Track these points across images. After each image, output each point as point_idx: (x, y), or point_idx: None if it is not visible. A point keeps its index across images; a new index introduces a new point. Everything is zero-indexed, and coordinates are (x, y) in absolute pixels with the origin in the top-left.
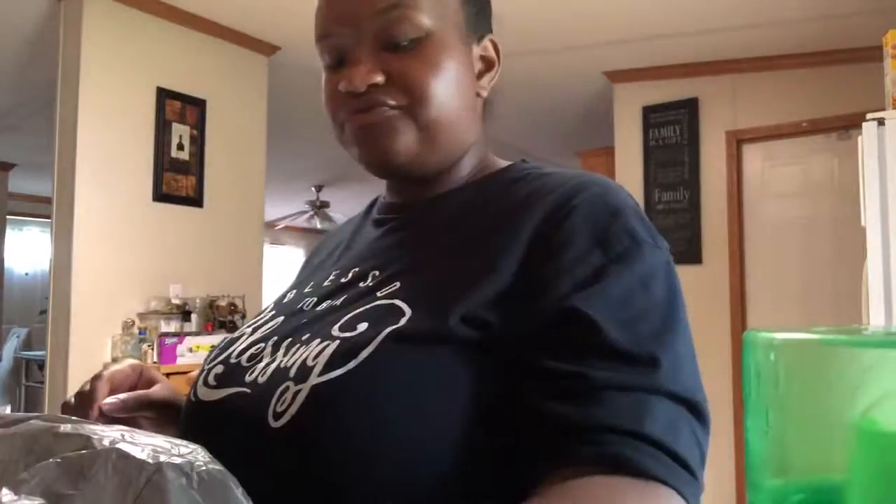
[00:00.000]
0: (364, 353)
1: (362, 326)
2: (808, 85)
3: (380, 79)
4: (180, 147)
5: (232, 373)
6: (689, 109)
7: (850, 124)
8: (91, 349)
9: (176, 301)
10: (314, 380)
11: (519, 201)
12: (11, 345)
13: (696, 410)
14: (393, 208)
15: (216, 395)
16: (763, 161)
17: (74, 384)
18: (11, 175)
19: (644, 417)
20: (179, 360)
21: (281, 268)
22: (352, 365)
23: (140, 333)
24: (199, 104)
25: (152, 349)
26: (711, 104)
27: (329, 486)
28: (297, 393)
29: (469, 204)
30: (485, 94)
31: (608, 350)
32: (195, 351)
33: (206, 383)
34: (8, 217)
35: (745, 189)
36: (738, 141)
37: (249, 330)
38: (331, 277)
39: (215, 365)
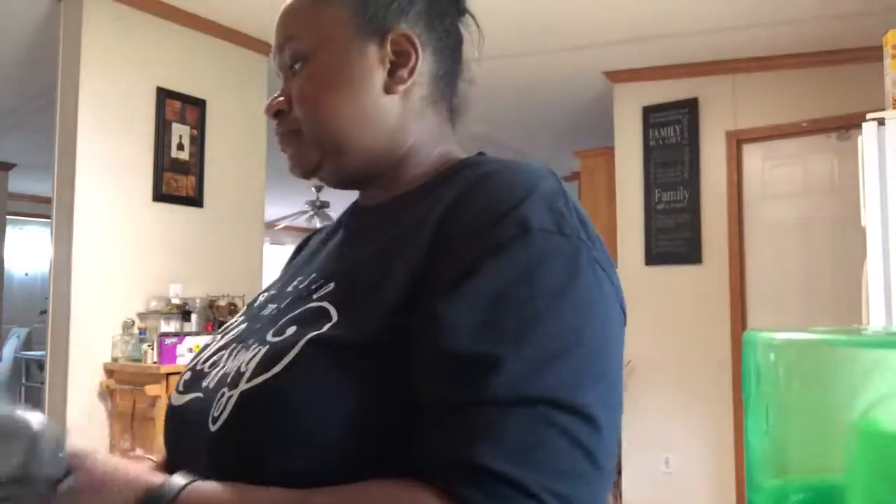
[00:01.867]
0: (286, 360)
1: (290, 330)
2: (808, 85)
3: (281, 105)
4: (180, 147)
5: (195, 379)
6: (689, 109)
7: (850, 124)
8: (91, 349)
9: (176, 301)
10: (243, 385)
11: (437, 198)
12: (11, 345)
13: (570, 410)
14: (353, 212)
15: (181, 401)
16: (763, 161)
17: (74, 384)
18: (11, 175)
19: (475, 443)
20: (179, 360)
21: (281, 268)
22: (275, 370)
23: (140, 333)
24: (199, 104)
25: (152, 349)
26: (711, 104)
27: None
28: (229, 398)
29: (407, 205)
30: (401, 87)
31: (453, 360)
32: (195, 351)
33: (177, 389)
34: (8, 217)
35: (745, 189)
36: (738, 141)
37: (220, 336)
38: (294, 283)
39: (186, 371)
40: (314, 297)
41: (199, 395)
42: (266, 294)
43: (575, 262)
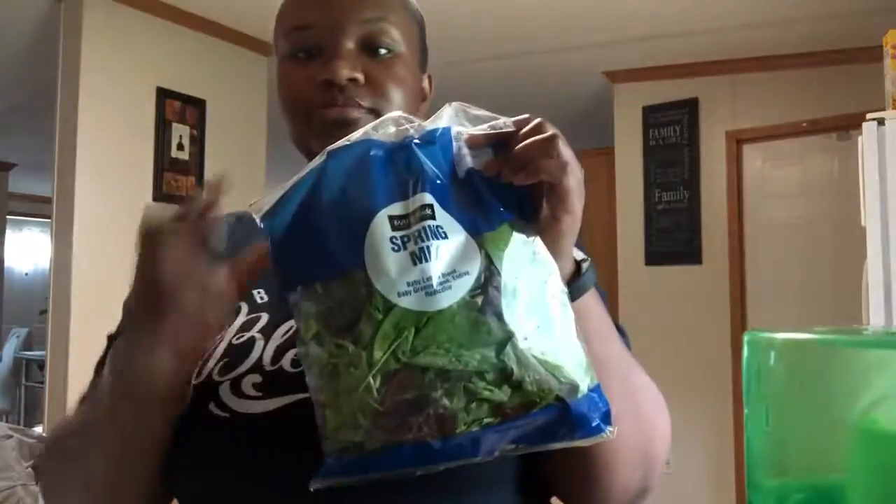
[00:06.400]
0: None
1: None
2: (808, 85)
3: (360, 76)
4: (180, 147)
5: (278, 380)
6: (689, 109)
7: (850, 124)
8: (91, 349)
9: None
10: None
11: None
12: (11, 345)
13: None
14: None
15: (267, 406)
16: (763, 161)
17: (74, 384)
18: (11, 175)
19: None
20: None
21: None
22: None
23: None
24: (199, 104)
25: None
26: (711, 104)
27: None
28: None
29: None
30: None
31: None
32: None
33: (239, 394)
34: (8, 217)
35: (745, 189)
36: (738, 141)
37: (259, 335)
38: None
39: (244, 374)
40: None
41: (305, 395)
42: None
43: None
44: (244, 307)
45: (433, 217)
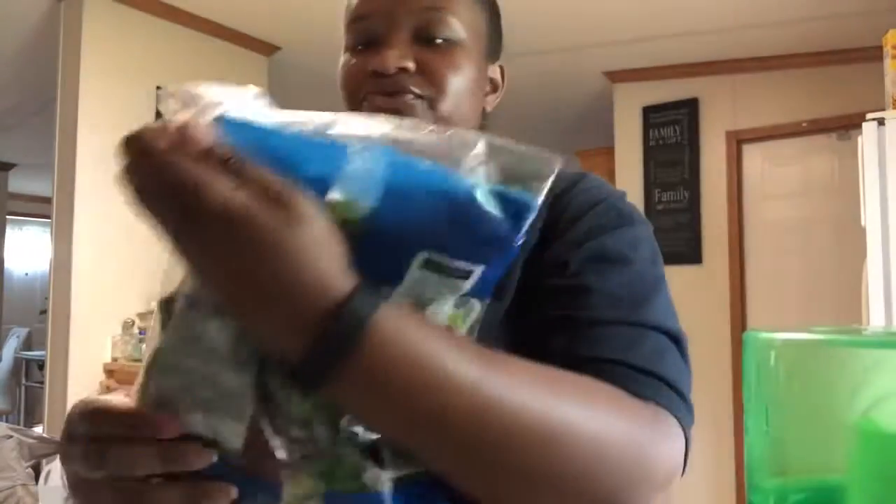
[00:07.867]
0: None
1: None
2: (808, 85)
3: (410, 65)
4: None
5: None
6: (689, 109)
7: (850, 124)
8: (91, 349)
9: None
10: None
11: None
12: (11, 345)
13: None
14: None
15: None
16: (763, 161)
17: (74, 384)
18: (11, 175)
19: (657, 360)
20: None
21: None
22: None
23: (140, 333)
24: None
25: None
26: (711, 104)
27: None
28: None
29: None
30: (489, 109)
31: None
32: None
33: None
34: (8, 217)
35: (745, 189)
36: (738, 141)
37: None
38: None
39: None
40: None
41: None
42: None
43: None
44: None
45: None
